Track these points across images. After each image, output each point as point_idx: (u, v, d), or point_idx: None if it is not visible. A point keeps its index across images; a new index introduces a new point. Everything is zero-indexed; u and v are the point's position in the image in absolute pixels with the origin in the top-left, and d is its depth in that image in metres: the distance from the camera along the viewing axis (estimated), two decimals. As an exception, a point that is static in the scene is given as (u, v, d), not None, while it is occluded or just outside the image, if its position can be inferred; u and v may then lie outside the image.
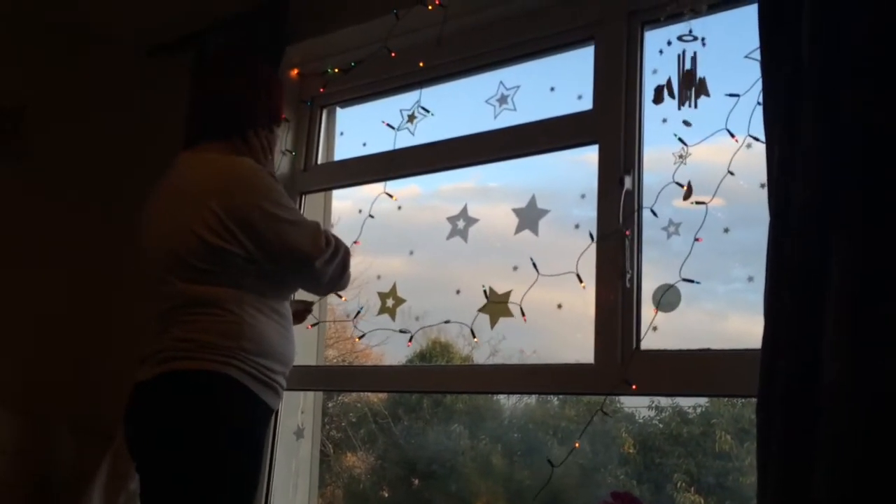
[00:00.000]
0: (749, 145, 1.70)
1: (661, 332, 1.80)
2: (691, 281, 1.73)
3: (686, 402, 2.53)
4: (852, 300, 1.23)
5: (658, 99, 1.78)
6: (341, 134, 2.61)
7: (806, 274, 1.32)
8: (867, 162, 1.30)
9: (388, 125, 2.33)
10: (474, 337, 2.07)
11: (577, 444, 1.83)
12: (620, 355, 1.80)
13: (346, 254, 1.84)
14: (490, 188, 2.34)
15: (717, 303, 1.94)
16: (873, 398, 1.18)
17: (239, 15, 2.48)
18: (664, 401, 2.55)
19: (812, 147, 1.36)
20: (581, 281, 1.89)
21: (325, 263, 1.77)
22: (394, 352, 2.85)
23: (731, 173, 1.69)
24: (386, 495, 3.21)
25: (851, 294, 1.23)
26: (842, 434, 1.20)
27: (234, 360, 1.68)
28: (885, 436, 1.17)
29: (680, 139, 1.79)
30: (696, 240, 1.73)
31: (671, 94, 1.75)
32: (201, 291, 1.71)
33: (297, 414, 2.43)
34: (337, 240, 1.83)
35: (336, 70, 2.42)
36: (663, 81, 1.77)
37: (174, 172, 1.82)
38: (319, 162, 2.58)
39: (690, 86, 1.71)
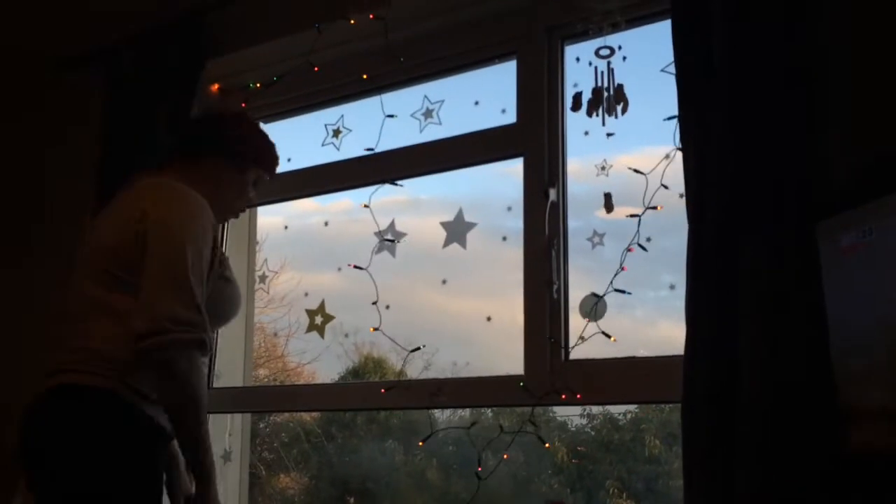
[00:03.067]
0: (668, 156, 1.74)
1: (590, 341, 1.82)
2: (622, 291, 1.75)
3: (616, 409, 2.57)
4: (761, 306, 1.27)
5: (576, 106, 1.81)
6: (265, 149, 2.56)
7: (722, 280, 1.36)
8: (775, 170, 1.35)
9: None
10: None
11: (505, 455, 1.83)
12: (549, 365, 1.82)
13: (180, 372, 1.50)
14: (421, 201, 2.34)
15: (645, 309, 1.98)
16: (784, 403, 1.22)
17: (152, 30, 2.41)
18: (595, 408, 2.58)
19: (724, 157, 1.41)
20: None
21: (144, 348, 1.48)
22: (326, 369, 2.81)
23: (665, 187, 1.72)
24: (321, 515, 3.16)
25: (760, 300, 1.27)
26: (759, 438, 1.23)
27: (118, 373, 1.54)
28: (798, 440, 1.21)
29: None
30: (628, 249, 1.75)
31: (592, 107, 1.79)
32: (104, 296, 1.58)
33: (224, 437, 2.36)
34: (180, 347, 1.49)
35: (258, 85, 2.38)
36: (583, 93, 1.81)
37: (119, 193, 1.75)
38: (243, 178, 2.53)
39: (611, 100, 1.75)
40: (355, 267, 2.10)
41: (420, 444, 1.93)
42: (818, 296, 1.23)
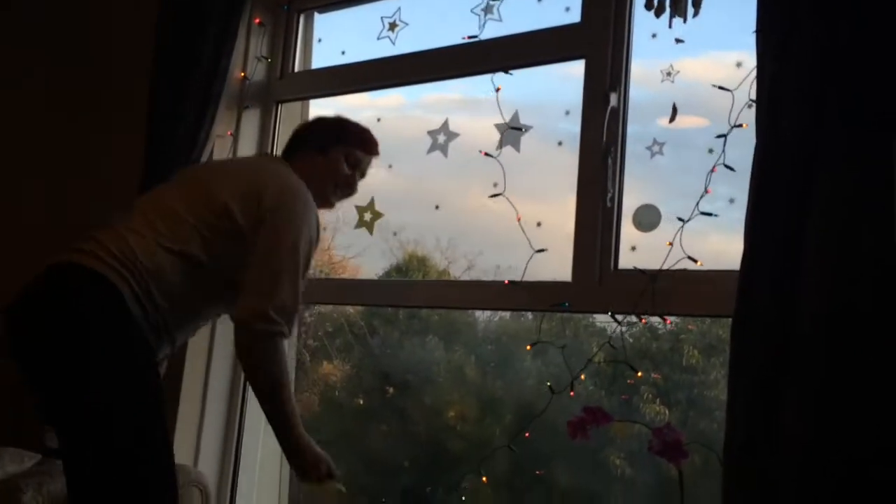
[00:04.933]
0: (739, 63, 1.67)
1: (640, 251, 1.81)
2: (709, 214, 1.69)
3: (656, 318, 2.57)
4: (835, 233, 1.22)
5: (650, 5, 1.73)
6: (319, 41, 2.52)
7: (790, 198, 1.32)
8: (855, 83, 1.28)
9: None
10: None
11: (571, 393, 1.86)
12: (598, 274, 1.81)
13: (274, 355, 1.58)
14: (475, 100, 2.29)
15: (697, 222, 1.94)
16: (849, 334, 1.19)
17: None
18: (634, 316, 2.58)
19: (802, 68, 1.34)
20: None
21: (253, 328, 1.57)
22: (371, 264, 2.84)
23: (753, 102, 1.61)
24: (361, 402, 3.27)
25: (834, 227, 1.23)
26: (815, 367, 1.21)
27: (137, 280, 1.52)
28: (856, 371, 1.19)
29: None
30: (712, 170, 1.67)
31: (664, 5, 1.71)
32: (187, 234, 1.61)
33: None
34: (281, 337, 1.59)
35: (313, -28, 2.31)
36: (655, -6, 1.72)
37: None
38: (296, 70, 2.50)
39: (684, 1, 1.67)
40: (485, 154, 2.01)
41: (528, 347, 1.91)
42: (892, 217, 1.19)
